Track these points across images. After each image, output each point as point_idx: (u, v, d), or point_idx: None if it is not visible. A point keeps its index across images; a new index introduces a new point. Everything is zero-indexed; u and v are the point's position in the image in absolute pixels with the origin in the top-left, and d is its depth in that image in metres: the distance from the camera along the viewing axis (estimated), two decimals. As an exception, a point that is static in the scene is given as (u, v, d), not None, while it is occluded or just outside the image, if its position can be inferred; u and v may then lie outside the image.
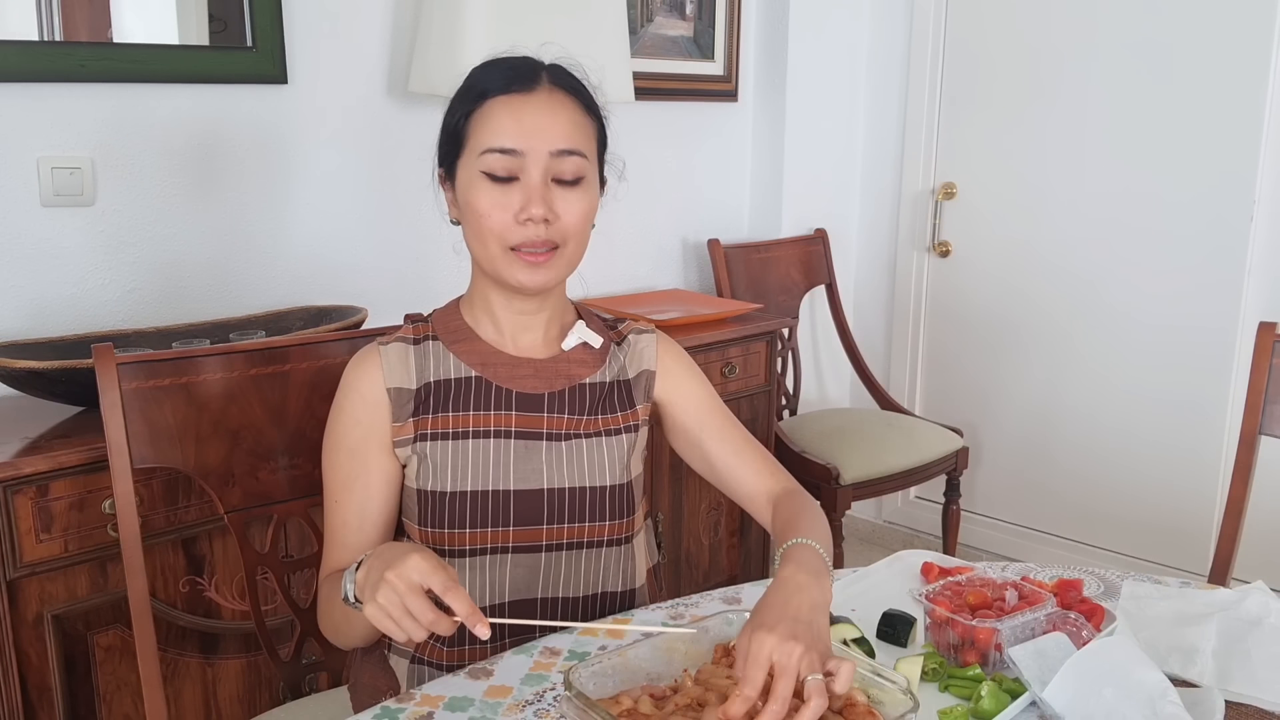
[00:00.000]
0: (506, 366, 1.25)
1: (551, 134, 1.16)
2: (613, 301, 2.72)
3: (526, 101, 1.17)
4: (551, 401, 1.25)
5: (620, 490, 1.27)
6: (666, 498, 2.51)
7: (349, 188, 2.29)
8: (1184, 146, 2.70)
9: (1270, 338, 1.68)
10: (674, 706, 0.98)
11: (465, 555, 1.22)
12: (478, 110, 1.17)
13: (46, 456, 1.55)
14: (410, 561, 0.97)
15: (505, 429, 1.23)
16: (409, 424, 1.22)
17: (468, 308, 1.28)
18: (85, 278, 1.96)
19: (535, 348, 1.27)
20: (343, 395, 1.24)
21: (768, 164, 3.14)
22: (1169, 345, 2.80)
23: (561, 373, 1.27)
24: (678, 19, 2.89)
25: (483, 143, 1.16)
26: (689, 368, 1.36)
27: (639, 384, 1.32)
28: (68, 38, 1.88)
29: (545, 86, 1.18)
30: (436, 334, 1.26)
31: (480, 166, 1.16)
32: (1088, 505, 3.01)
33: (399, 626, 0.97)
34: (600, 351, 1.30)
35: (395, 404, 1.21)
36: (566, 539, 1.25)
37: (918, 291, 3.28)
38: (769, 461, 1.32)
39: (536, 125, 1.16)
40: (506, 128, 1.15)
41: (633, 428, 1.30)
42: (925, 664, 1.12)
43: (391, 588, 0.97)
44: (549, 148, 1.16)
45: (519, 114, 1.16)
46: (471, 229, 1.20)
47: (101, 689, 1.66)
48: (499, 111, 1.16)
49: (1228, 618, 1.22)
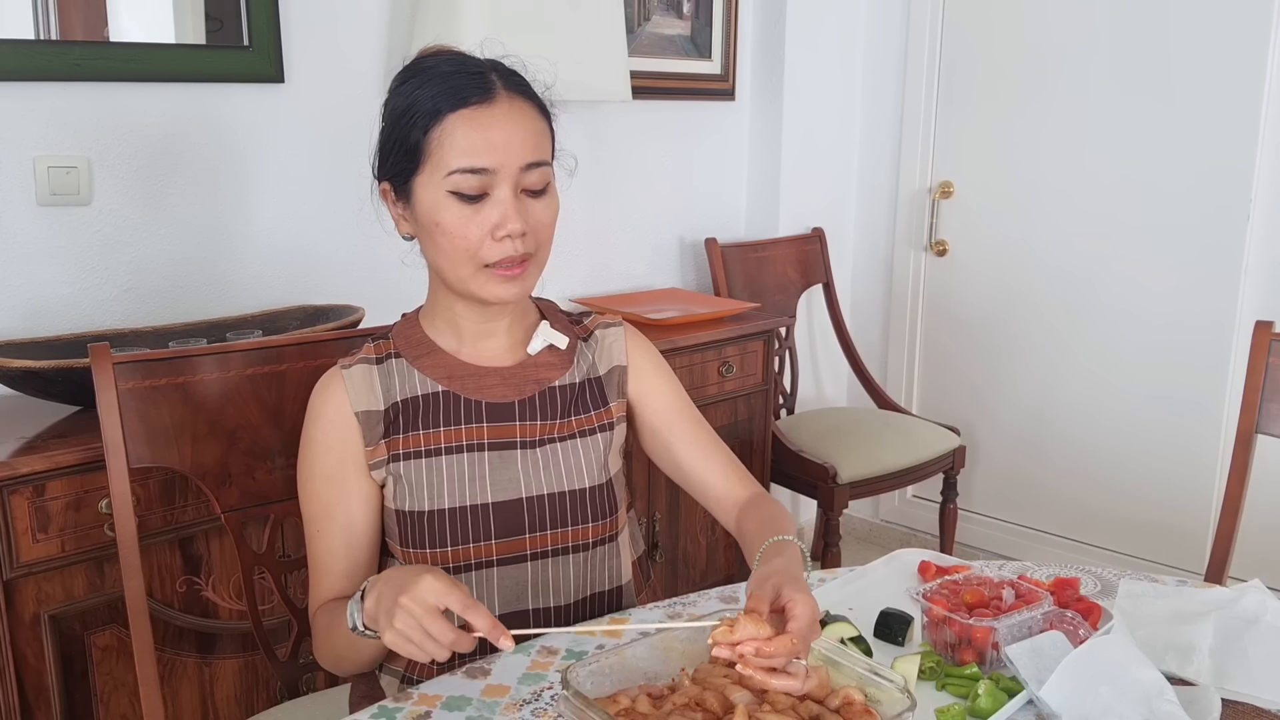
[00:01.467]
0: (473, 378, 1.23)
1: (520, 149, 1.13)
2: (610, 300, 2.72)
3: (490, 115, 1.12)
4: (522, 409, 1.24)
5: (601, 490, 1.27)
6: (663, 497, 2.51)
7: (345, 187, 2.28)
8: (1181, 145, 2.71)
9: (1267, 336, 1.68)
10: (672, 706, 0.98)
11: (450, 573, 1.20)
12: (436, 126, 1.12)
13: (43, 456, 1.55)
14: (424, 583, 0.97)
15: (478, 441, 1.22)
16: (381, 446, 1.20)
17: (428, 320, 1.26)
18: (81, 277, 1.96)
19: (500, 355, 1.25)
20: (311, 424, 1.22)
21: (765, 163, 3.15)
22: (1166, 344, 2.80)
23: (530, 378, 1.25)
24: (675, 18, 2.89)
25: (448, 162, 1.12)
26: (658, 365, 1.35)
27: (611, 380, 1.30)
28: (64, 37, 1.88)
29: (502, 94, 1.14)
30: (399, 351, 1.24)
31: (448, 186, 1.12)
32: (1085, 504, 3.02)
33: (420, 649, 0.97)
34: (567, 351, 1.29)
35: (365, 427, 1.20)
36: (551, 545, 1.24)
37: (915, 290, 3.29)
38: (736, 466, 1.33)
39: (505, 140, 1.12)
40: (475, 145, 1.11)
41: (608, 426, 1.29)
42: (922, 662, 1.12)
43: (408, 612, 0.96)
44: (519, 163, 1.13)
45: (485, 129, 1.12)
46: (438, 247, 1.16)
47: (99, 689, 1.66)
48: (463, 129, 1.11)
49: (1224, 616, 1.23)
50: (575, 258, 2.76)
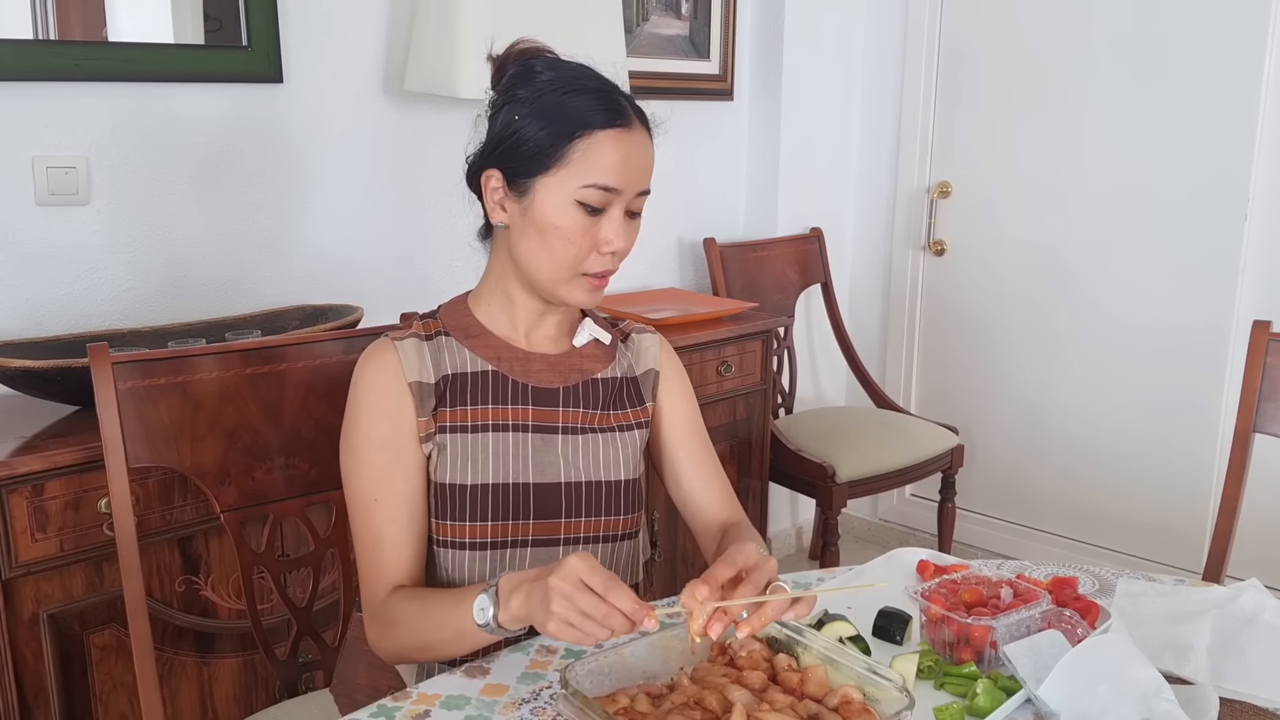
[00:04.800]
0: (521, 361, 1.26)
1: (642, 175, 1.19)
2: (609, 300, 2.71)
3: (631, 139, 1.18)
4: (566, 395, 1.26)
5: (632, 485, 1.29)
6: (664, 497, 2.51)
7: (344, 187, 2.29)
8: (1179, 145, 2.71)
9: (1264, 336, 1.68)
10: (670, 705, 0.98)
11: (485, 548, 1.22)
12: (585, 137, 1.15)
13: (42, 456, 1.55)
14: (569, 564, 0.99)
15: (523, 422, 1.24)
16: (431, 419, 1.22)
17: (479, 305, 1.28)
18: (80, 277, 1.96)
19: (547, 343, 1.29)
20: (363, 391, 1.22)
21: (763, 163, 3.15)
22: (1164, 343, 2.80)
23: (574, 367, 1.28)
24: (673, 18, 2.89)
25: (587, 175, 1.15)
26: (684, 382, 1.39)
27: (646, 382, 1.34)
28: (62, 37, 1.88)
29: (635, 123, 1.19)
30: (447, 330, 1.26)
31: (578, 196, 1.16)
32: (1083, 503, 3.02)
33: (582, 632, 0.97)
34: (610, 347, 1.33)
35: (418, 398, 1.21)
36: (583, 532, 1.26)
37: (913, 290, 3.29)
38: (731, 495, 1.37)
39: (638, 166, 1.18)
40: (615, 166, 1.16)
41: (643, 424, 1.32)
42: (921, 661, 1.12)
43: (561, 593, 0.97)
44: (638, 188, 1.19)
45: (625, 153, 1.17)
46: (547, 247, 1.18)
47: (97, 688, 1.66)
48: (609, 147, 1.16)
49: (1222, 615, 1.23)
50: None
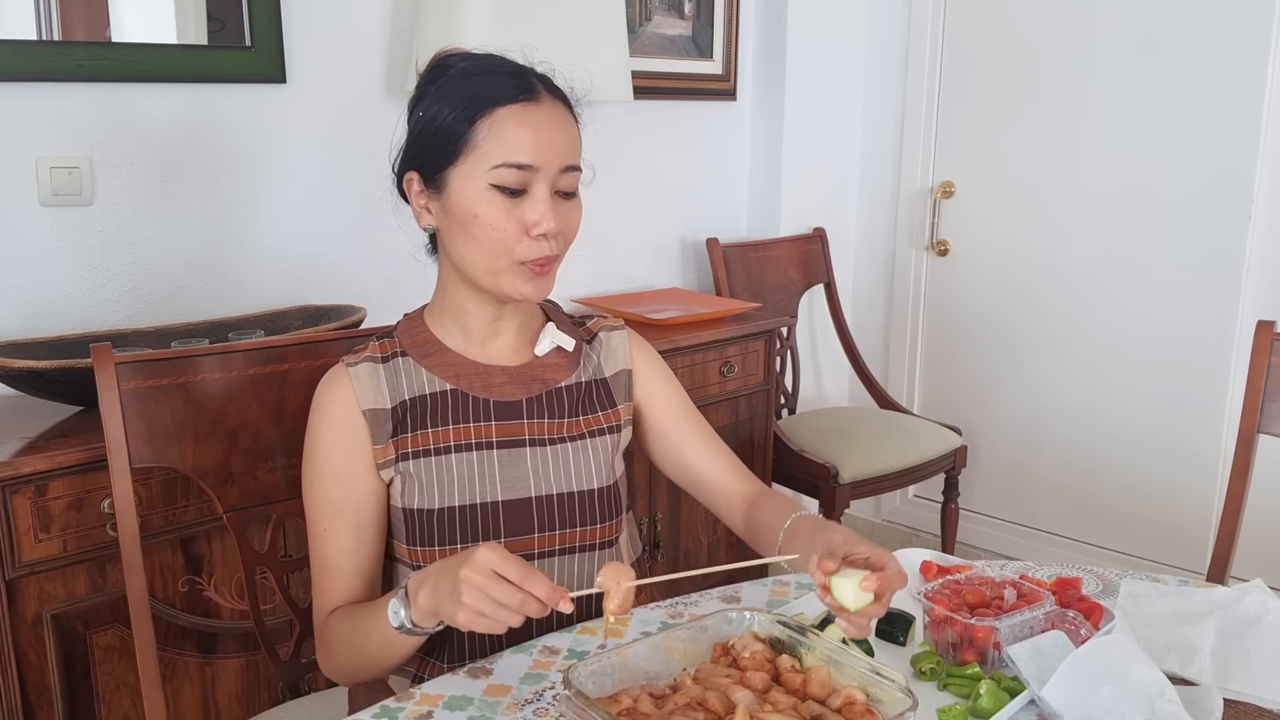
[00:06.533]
0: (480, 376, 1.24)
1: (563, 150, 1.15)
2: (611, 300, 2.72)
3: (538, 113, 1.14)
4: (530, 407, 1.24)
5: (607, 492, 1.27)
6: (664, 497, 2.51)
7: (347, 187, 2.29)
8: (1183, 145, 2.70)
9: (1268, 336, 1.68)
10: (673, 706, 0.98)
11: None
12: (486, 118, 1.13)
13: (45, 456, 1.55)
14: (480, 554, 0.98)
15: (487, 440, 1.22)
16: (389, 445, 1.20)
17: (434, 319, 1.26)
18: (83, 277, 1.96)
19: (507, 354, 1.26)
20: (317, 422, 1.22)
21: (766, 163, 3.14)
22: (1168, 344, 2.80)
23: (537, 377, 1.26)
24: (676, 18, 2.89)
25: (495, 155, 1.12)
26: (661, 369, 1.36)
27: (618, 383, 1.32)
28: (65, 37, 1.88)
29: (546, 96, 1.16)
30: (405, 350, 1.24)
31: (491, 179, 1.13)
32: (1086, 504, 3.01)
33: (494, 619, 0.97)
34: (573, 353, 1.30)
35: (373, 425, 1.19)
36: (558, 545, 1.24)
37: (916, 290, 3.29)
38: (740, 465, 1.35)
39: (550, 140, 1.14)
40: (523, 141, 1.12)
41: (615, 428, 1.30)
42: (923, 663, 1.12)
43: (472, 584, 0.97)
44: (559, 164, 1.15)
45: (533, 127, 1.13)
46: (472, 239, 1.16)
47: (100, 688, 1.66)
48: (513, 123, 1.13)
49: (1226, 616, 1.23)
50: (576, 258, 2.73)
